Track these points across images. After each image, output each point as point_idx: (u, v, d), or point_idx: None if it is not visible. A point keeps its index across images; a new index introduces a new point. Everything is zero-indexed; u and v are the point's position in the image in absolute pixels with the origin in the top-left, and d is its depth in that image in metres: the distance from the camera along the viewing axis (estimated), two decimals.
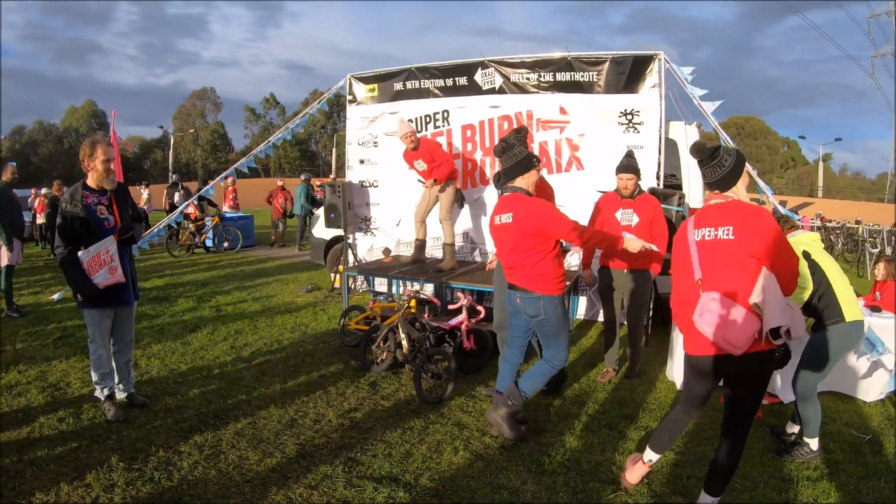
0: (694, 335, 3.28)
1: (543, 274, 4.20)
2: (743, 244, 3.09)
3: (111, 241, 4.50)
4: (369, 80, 8.96)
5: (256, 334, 7.12)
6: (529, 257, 4.19)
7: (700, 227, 3.27)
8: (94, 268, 4.43)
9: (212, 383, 5.42)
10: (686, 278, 3.32)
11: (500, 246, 4.46)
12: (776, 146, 72.56)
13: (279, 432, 4.47)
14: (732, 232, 3.12)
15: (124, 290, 4.66)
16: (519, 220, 4.17)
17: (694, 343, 3.31)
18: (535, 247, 4.17)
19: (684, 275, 3.34)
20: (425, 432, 4.55)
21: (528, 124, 7.84)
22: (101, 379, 4.68)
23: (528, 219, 4.13)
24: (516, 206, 4.20)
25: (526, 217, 4.14)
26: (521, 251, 4.21)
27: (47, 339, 6.65)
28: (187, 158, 75.59)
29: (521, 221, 4.16)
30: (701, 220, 3.30)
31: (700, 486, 3.64)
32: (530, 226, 4.12)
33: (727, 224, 3.15)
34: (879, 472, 4.08)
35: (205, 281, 10.69)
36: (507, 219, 4.23)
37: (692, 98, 7.05)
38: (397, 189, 8.72)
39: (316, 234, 10.81)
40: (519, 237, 4.18)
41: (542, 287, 4.21)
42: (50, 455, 4.02)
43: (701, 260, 3.23)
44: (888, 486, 3.90)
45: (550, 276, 4.21)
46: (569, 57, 7.57)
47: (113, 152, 4.61)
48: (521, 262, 4.23)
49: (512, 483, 3.82)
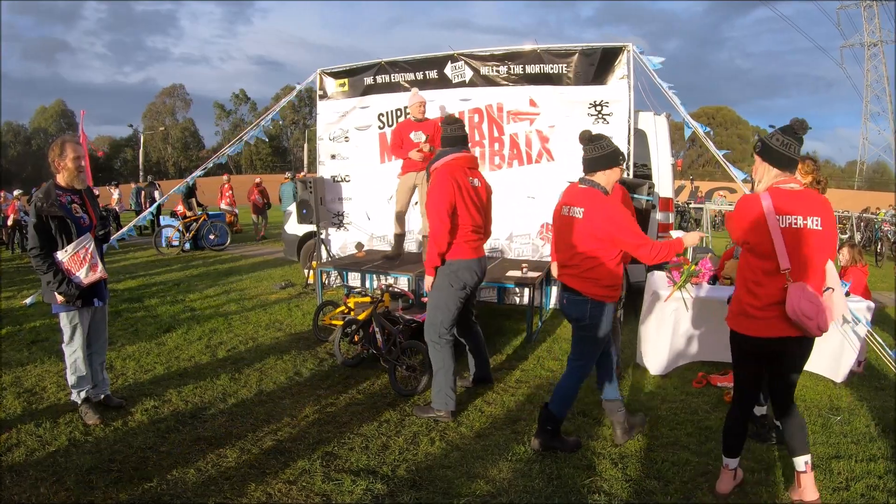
0: (768, 317, 3.25)
1: (599, 278, 3.95)
2: (828, 236, 3.18)
3: (89, 239, 4.48)
4: (340, 75, 8.94)
5: (231, 332, 7.09)
6: (587, 259, 3.95)
7: (784, 214, 3.16)
8: (74, 267, 4.40)
9: (188, 383, 5.39)
10: (768, 264, 3.21)
11: (559, 238, 4.18)
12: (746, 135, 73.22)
13: (256, 429, 4.47)
14: (821, 223, 3.15)
15: (100, 289, 4.64)
16: (591, 218, 3.90)
17: (758, 325, 3.29)
18: (598, 250, 3.91)
19: (765, 261, 3.23)
20: (401, 424, 4.59)
21: (499, 116, 7.90)
22: (77, 382, 4.64)
23: (602, 220, 3.86)
24: (591, 203, 3.92)
25: (599, 219, 3.87)
26: (581, 251, 3.96)
27: (21, 344, 6.56)
28: (158, 157, 74.61)
29: (592, 221, 3.89)
30: (783, 207, 3.17)
31: (675, 470, 3.75)
32: (601, 229, 3.87)
33: (815, 214, 3.15)
34: (850, 453, 4.20)
35: (178, 280, 10.61)
36: (578, 213, 3.96)
37: (661, 88, 7.13)
38: (370, 183, 8.73)
39: (289, 231, 10.77)
40: (583, 236, 3.93)
41: (593, 291, 3.97)
42: (28, 460, 3.99)
43: (788, 249, 3.15)
44: (859, 466, 4.01)
45: (605, 281, 3.96)
46: (538, 49, 7.62)
47: (82, 150, 4.57)
48: (578, 262, 3.99)
49: (488, 472, 3.88)
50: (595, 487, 3.71)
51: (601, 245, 3.90)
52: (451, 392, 4.68)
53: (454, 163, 4.67)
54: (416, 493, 3.64)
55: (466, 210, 4.62)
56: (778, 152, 3.23)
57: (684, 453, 4.13)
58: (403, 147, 7.35)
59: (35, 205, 4.35)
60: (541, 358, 6.19)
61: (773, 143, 3.24)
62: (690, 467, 3.94)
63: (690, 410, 4.90)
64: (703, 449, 4.20)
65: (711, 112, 73.66)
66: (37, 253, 4.35)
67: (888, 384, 5.53)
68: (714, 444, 4.27)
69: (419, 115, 7.36)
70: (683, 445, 4.25)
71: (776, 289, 3.19)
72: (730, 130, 72.87)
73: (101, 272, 4.54)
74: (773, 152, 3.24)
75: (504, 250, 8.08)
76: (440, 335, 4.74)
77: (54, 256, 4.36)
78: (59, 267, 4.36)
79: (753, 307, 3.28)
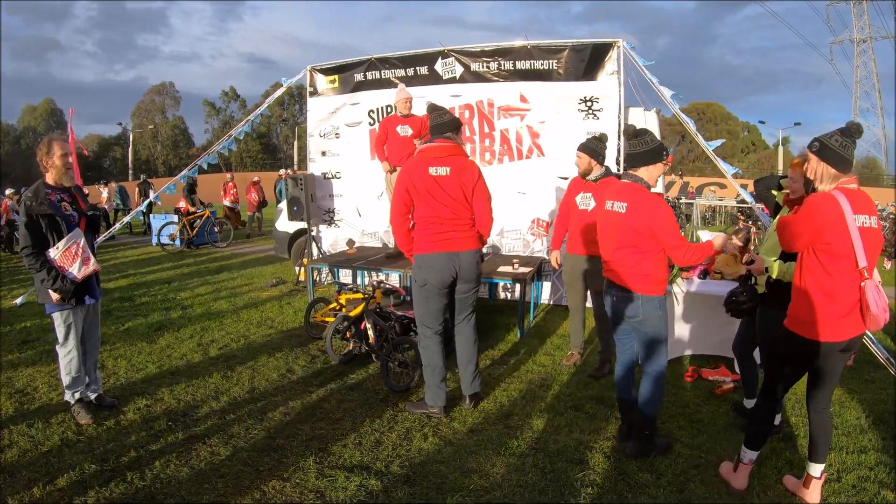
0: (844, 321, 3.25)
1: (646, 274, 3.86)
2: (880, 232, 3.29)
3: (79, 234, 4.46)
4: (330, 72, 8.93)
5: (223, 330, 7.08)
6: (631, 254, 3.86)
7: (857, 214, 3.17)
8: (66, 263, 4.38)
9: (180, 381, 5.38)
10: (844, 263, 3.19)
11: (604, 235, 4.06)
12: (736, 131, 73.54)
13: (249, 427, 4.47)
14: (876, 221, 3.25)
15: (92, 286, 4.62)
16: (633, 213, 3.80)
17: (839, 329, 3.25)
18: (640, 244, 3.82)
19: (842, 260, 3.19)
20: (394, 420, 4.60)
21: (490, 112, 7.91)
22: (72, 383, 4.62)
23: (644, 216, 3.77)
24: (634, 198, 3.82)
25: (642, 213, 3.78)
26: (624, 247, 3.87)
27: (11, 345, 6.53)
28: (147, 155, 74.20)
29: (634, 216, 3.80)
30: (856, 206, 3.17)
31: (667, 463, 3.78)
32: (643, 224, 3.78)
33: (874, 213, 3.26)
34: (841, 444, 4.24)
35: (169, 279, 10.57)
36: (620, 208, 3.86)
37: (651, 84, 7.16)
38: (360, 180, 8.73)
39: (279, 228, 10.76)
40: (625, 231, 3.84)
41: (641, 286, 3.87)
42: (21, 461, 3.97)
43: (865, 247, 3.16)
44: (850, 457, 4.05)
45: (652, 276, 3.87)
46: (529, 45, 7.64)
47: (69, 147, 4.55)
48: (623, 257, 3.90)
49: (482, 466, 3.89)
50: (588, 481, 3.73)
51: (643, 240, 3.81)
52: (438, 388, 4.68)
53: (417, 155, 4.66)
54: (409, 489, 3.65)
55: (423, 203, 4.55)
56: (836, 153, 3.21)
57: (676, 446, 4.15)
58: (388, 143, 7.30)
59: (25, 204, 4.32)
60: (533, 353, 6.20)
61: (832, 143, 3.22)
62: (682, 460, 3.97)
63: (682, 404, 4.93)
64: (696, 442, 4.23)
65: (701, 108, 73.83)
66: (29, 252, 4.32)
67: (878, 377, 5.57)
68: (706, 437, 4.30)
69: (405, 111, 7.26)
70: (675, 438, 4.27)
71: (853, 288, 3.20)
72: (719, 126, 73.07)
73: (94, 265, 4.52)
74: (831, 153, 3.21)
75: (496, 246, 8.09)
76: (421, 331, 4.74)
77: (46, 254, 4.34)
78: (51, 264, 4.34)
79: (836, 313, 3.23)
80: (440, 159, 4.58)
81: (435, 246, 4.56)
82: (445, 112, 4.77)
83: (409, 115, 7.27)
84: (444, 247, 4.56)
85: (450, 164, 4.58)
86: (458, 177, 4.57)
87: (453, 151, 4.65)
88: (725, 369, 5.46)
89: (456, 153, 4.67)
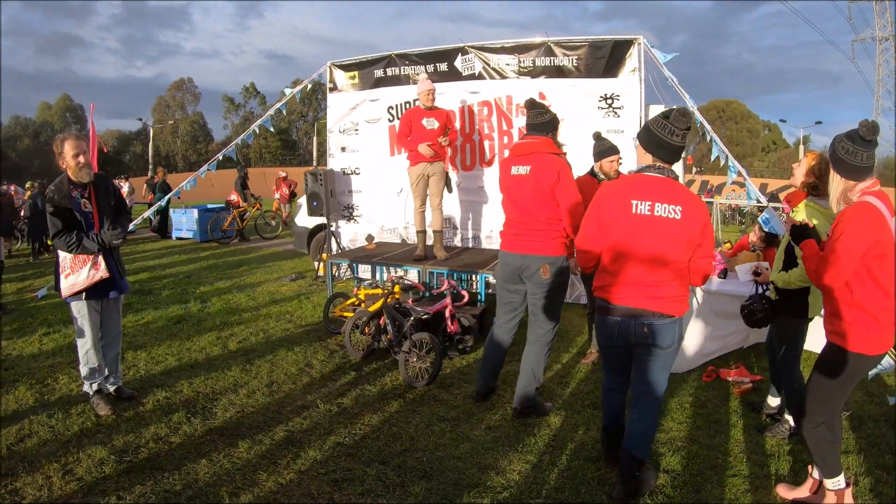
0: None
1: (685, 291, 3.41)
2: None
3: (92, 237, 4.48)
4: (350, 68, 8.94)
5: (242, 324, 7.13)
6: (680, 270, 3.31)
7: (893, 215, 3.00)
8: (76, 266, 4.43)
9: (199, 374, 5.43)
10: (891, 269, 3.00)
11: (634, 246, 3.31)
12: (757, 129, 73.04)
13: (267, 420, 4.50)
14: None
15: (115, 279, 4.65)
16: (691, 221, 3.24)
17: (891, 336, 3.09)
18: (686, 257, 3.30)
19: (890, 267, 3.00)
20: (412, 415, 4.61)
21: (508, 110, 7.87)
22: (89, 374, 4.68)
23: (701, 224, 3.26)
24: (690, 202, 3.28)
25: (700, 221, 3.27)
26: (674, 259, 3.27)
27: (32, 336, 6.62)
28: (167, 150, 74.91)
29: (693, 224, 3.24)
30: (890, 209, 3.00)
31: (684, 464, 3.75)
32: (698, 234, 3.26)
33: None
34: (860, 447, 4.19)
35: (189, 273, 10.66)
36: (675, 212, 3.23)
37: (670, 81, 7.10)
38: (379, 176, 8.74)
39: (299, 223, 10.80)
40: (681, 242, 3.26)
41: (681, 308, 3.36)
42: (41, 451, 4.03)
43: None
44: (868, 461, 4.00)
45: (687, 292, 3.44)
46: (549, 42, 7.60)
47: (83, 145, 4.53)
48: (668, 276, 3.30)
49: (499, 463, 3.89)
50: (604, 479, 3.72)
51: (689, 252, 3.30)
52: (479, 373, 4.88)
53: (507, 155, 4.64)
54: (426, 483, 3.65)
55: (503, 203, 4.60)
56: (844, 162, 3.02)
57: (693, 446, 4.12)
58: (412, 135, 7.24)
59: (48, 196, 4.40)
60: None
61: (839, 151, 3.04)
62: (700, 460, 3.95)
63: (700, 404, 4.90)
64: (714, 443, 4.19)
65: (721, 105, 73.38)
66: (61, 234, 4.35)
67: None
68: (723, 437, 4.28)
69: (429, 103, 7.11)
70: (693, 439, 4.25)
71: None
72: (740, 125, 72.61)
73: (103, 271, 4.50)
74: (838, 162, 3.04)
75: None
76: None
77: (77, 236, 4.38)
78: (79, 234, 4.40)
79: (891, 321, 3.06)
80: (522, 157, 4.44)
81: (505, 245, 4.57)
82: (545, 111, 4.57)
83: (432, 108, 7.14)
84: (512, 247, 4.50)
85: (531, 162, 4.38)
86: (535, 176, 4.34)
87: (536, 148, 4.42)
88: (744, 369, 5.41)
89: (538, 150, 4.41)
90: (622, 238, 3.33)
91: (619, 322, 3.39)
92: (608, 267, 3.43)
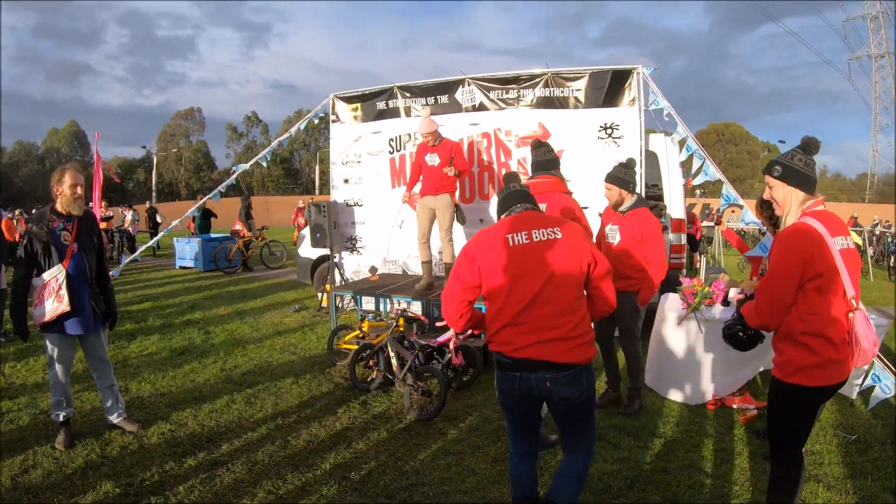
0: (842, 361, 2.92)
1: (584, 335, 3.04)
2: (857, 253, 3.02)
3: (60, 270, 4.46)
4: (352, 100, 9.06)
5: (246, 356, 7.14)
6: (568, 303, 3.02)
7: (835, 236, 2.87)
8: (44, 296, 4.44)
9: (203, 406, 5.44)
10: (831, 297, 2.87)
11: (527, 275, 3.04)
12: (757, 151, 73.24)
13: (273, 453, 4.50)
14: (852, 241, 2.99)
15: (82, 319, 4.61)
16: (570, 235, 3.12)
17: (839, 369, 2.93)
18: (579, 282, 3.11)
19: (829, 294, 2.87)
20: (417, 449, 4.61)
21: (507, 140, 7.95)
22: (56, 405, 4.65)
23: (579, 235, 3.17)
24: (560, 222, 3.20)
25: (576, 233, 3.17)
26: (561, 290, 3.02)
27: (35, 364, 6.64)
28: (170, 178, 75.31)
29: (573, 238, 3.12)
30: (832, 229, 2.87)
31: (690, 493, 3.74)
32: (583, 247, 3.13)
33: (847, 234, 2.99)
34: (866, 471, 4.18)
35: (192, 303, 10.67)
36: (552, 233, 3.10)
37: (671, 112, 7.20)
38: (382, 208, 8.80)
39: (302, 254, 10.85)
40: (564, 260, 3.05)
41: (584, 352, 3.03)
42: (45, 482, 4.04)
43: (849, 272, 2.87)
44: (875, 485, 4.00)
45: (589, 334, 3.10)
46: (549, 73, 7.70)
47: (82, 179, 4.60)
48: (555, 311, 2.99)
49: (505, 497, 3.87)
50: None
51: (583, 274, 3.12)
52: None
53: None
54: None
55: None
56: (802, 173, 2.96)
57: (699, 476, 4.12)
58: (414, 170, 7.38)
59: (27, 227, 4.52)
60: None
61: (796, 164, 2.96)
62: (706, 490, 3.94)
63: (704, 433, 4.89)
64: (719, 472, 4.19)
65: (720, 129, 73.80)
66: (20, 275, 4.51)
67: None
68: (729, 466, 4.27)
69: (433, 142, 7.13)
70: (698, 468, 4.24)
71: (844, 321, 2.89)
72: (739, 147, 72.91)
73: (65, 305, 4.45)
74: (796, 174, 2.96)
75: None
76: None
77: (30, 281, 4.47)
78: (25, 297, 4.52)
79: (836, 351, 2.89)
80: (537, 196, 4.39)
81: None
82: (549, 150, 5.01)
83: (436, 144, 7.17)
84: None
85: (546, 200, 4.71)
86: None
87: (548, 188, 4.92)
88: (749, 396, 5.39)
89: (550, 189, 4.92)
90: (506, 277, 3.04)
91: (517, 378, 3.02)
92: (498, 314, 3.06)
